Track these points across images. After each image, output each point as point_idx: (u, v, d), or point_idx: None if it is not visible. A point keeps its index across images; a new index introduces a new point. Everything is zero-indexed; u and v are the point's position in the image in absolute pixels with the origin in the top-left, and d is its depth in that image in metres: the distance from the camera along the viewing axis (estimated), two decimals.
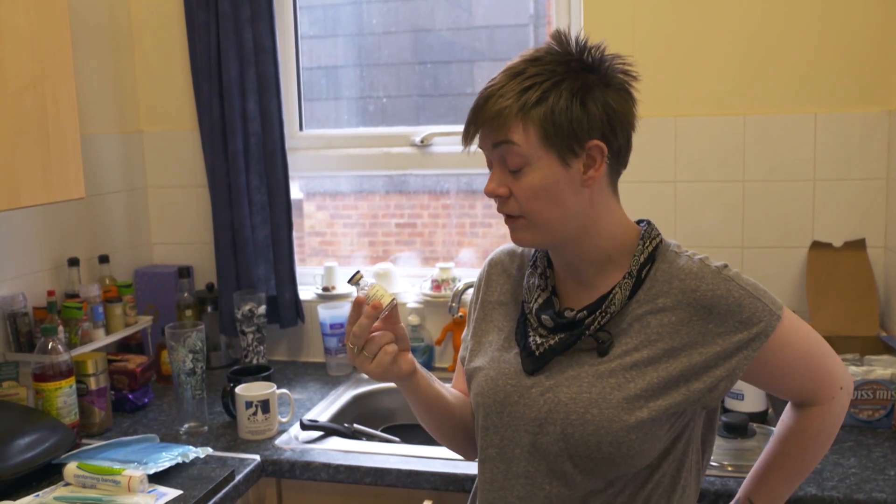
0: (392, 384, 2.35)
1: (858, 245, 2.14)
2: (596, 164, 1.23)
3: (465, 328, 1.49)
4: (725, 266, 1.26)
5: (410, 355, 1.33)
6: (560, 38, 1.26)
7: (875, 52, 2.10)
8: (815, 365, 1.32)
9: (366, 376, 2.40)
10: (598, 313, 1.25)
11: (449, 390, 1.46)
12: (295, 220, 2.60)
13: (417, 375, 1.35)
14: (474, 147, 1.28)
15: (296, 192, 2.73)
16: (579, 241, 1.28)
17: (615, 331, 1.26)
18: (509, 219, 1.27)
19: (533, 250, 1.41)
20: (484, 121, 1.22)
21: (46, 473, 1.71)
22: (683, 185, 2.24)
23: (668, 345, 1.22)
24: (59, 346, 1.87)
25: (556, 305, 1.31)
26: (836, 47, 2.12)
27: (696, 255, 1.29)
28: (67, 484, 1.65)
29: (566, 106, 1.20)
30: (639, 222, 1.34)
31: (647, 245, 1.28)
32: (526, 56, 1.25)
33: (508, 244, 1.47)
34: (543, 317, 1.29)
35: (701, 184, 2.23)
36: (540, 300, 1.32)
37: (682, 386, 1.21)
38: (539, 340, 1.29)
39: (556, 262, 1.35)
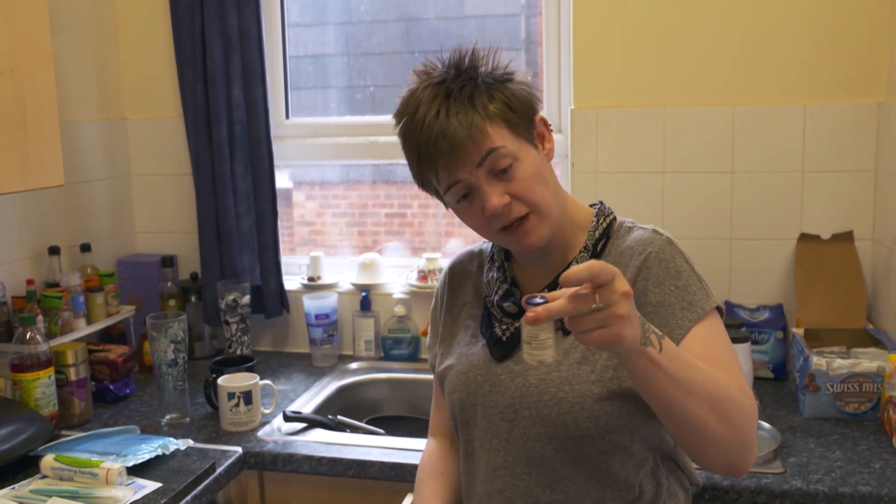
0: (379, 375, 2.35)
1: (846, 237, 2.13)
2: (546, 136, 1.31)
3: (429, 337, 1.50)
4: (677, 241, 1.29)
5: None
6: (428, 67, 1.28)
7: (864, 44, 2.09)
8: (735, 365, 1.23)
9: (352, 367, 2.39)
10: (558, 289, 1.26)
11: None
12: (284, 209, 2.58)
13: None
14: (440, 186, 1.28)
15: (285, 181, 2.71)
16: (560, 221, 1.30)
17: None
18: (516, 226, 1.25)
19: (490, 248, 1.42)
20: (460, 142, 1.21)
21: (23, 465, 1.68)
22: (672, 175, 2.22)
23: None
24: (38, 336, 1.84)
25: (517, 295, 1.33)
26: (826, 39, 2.10)
27: (649, 226, 1.32)
28: (44, 476, 1.63)
29: (509, 94, 1.25)
30: (591, 206, 1.38)
31: (601, 221, 1.33)
32: (431, 83, 1.25)
33: (467, 248, 1.51)
34: (506, 304, 1.32)
35: (690, 174, 2.22)
36: (500, 292, 1.34)
37: None
38: (504, 328, 1.32)
39: (520, 254, 1.35)
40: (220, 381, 1.95)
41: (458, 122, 1.21)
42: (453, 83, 1.24)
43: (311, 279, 2.55)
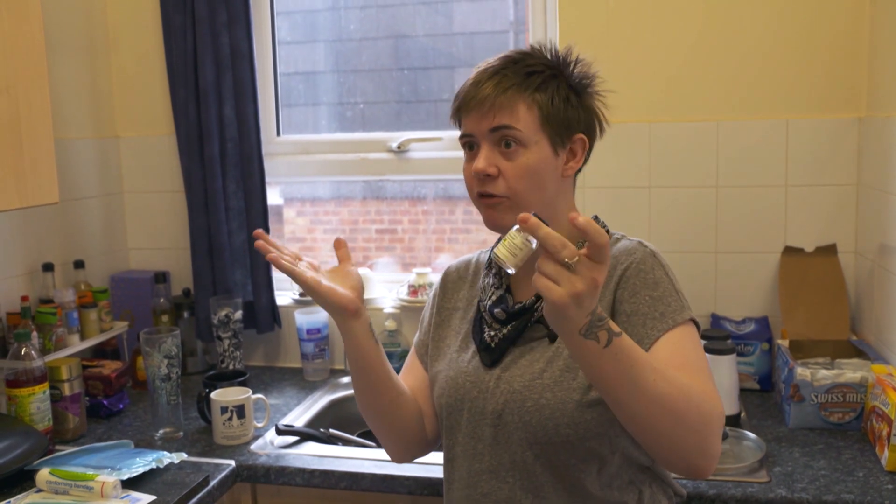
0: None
1: (829, 250, 2.17)
2: (576, 157, 1.32)
3: (417, 334, 1.55)
4: (660, 255, 1.32)
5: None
6: (538, 46, 1.34)
7: (845, 61, 2.13)
8: (703, 372, 1.23)
9: (343, 381, 2.41)
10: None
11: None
12: (275, 225, 2.60)
13: (360, 322, 1.34)
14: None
15: (276, 197, 2.73)
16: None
17: None
18: (489, 199, 1.29)
19: (487, 256, 1.45)
20: (484, 99, 1.26)
21: (18, 480, 1.69)
22: (658, 190, 2.26)
23: None
24: (33, 352, 1.86)
25: (510, 302, 1.35)
26: (808, 55, 2.15)
27: (636, 239, 1.35)
28: (40, 490, 1.64)
29: (565, 97, 1.29)
30: None
31: None
32: (517, 51, 1.32)
33: (464, 256, 1.54)
34: (496, 311, 1.35)
35: (675, 189, 2.25)
36: (494, 297, 1.37)
37: None
38: (493, 333, 1.35)
39: None
40: (213, 395, 1.97)
41: (496, 81, 1.26)
42: (531, 59, 1.29)
43: (302, 294, 2.57)
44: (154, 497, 1.62)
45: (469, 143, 1.32)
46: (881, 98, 2.02)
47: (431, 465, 1.72)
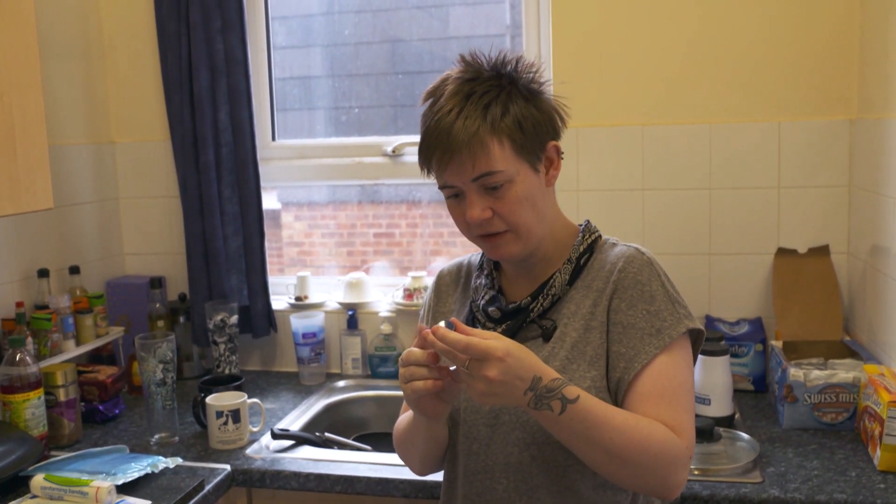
0: (366, 393, 2.38)
1: (822, 251, 2.18)
2: (554, 163, 1.32)
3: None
4: (657, 263, 1.33)
5: (446, 405, 1.26)
6: (472, 59, 1.30)
7: (835, 63, 2.14)
8: (680, 403, 1.25)
9: (339, 385, 2.42)
10: (540, 297, 1.33)
11: None
12: (273, 230, 2.60)
13: (440, 422, 1.35)
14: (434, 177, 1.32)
15: (273, 202, 2.74)
16: (541, 240, 1.34)
17: (557, 317, 1.32)
18: (491, 237, 1.30)
19: (479, 258, 1.46)
20: (459, 145, 1.23)
21: (13, 486, 1.70)
22: (652, 192, 2.27)
23: (598, 321, 1.29)
24: (28, 358, 1.86)
25: (503, 301, 1.37)
26: (799, 58, 2.16)
27: (631, 245, 1.36)
28: (34, 496, 1.64)
29: (527, 112, 1.26)
30: (579, 225, 1.42)
31: (586, 237, 1.37)
32: (462, 78, 1.27)
33: (455, 259, 1.55)
34: (490, 309, 1.36)
35: (669, 191, 2.26)
36: (487, 297, 1.38)
37: (609, 357, 1.28)
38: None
39: (506, 264, 1.40)
40: (208, 399, 1.98)
41: (462, 125, 1.22)
42: (480, 85, 1.25)
43: (298, 299, 2.57)
44: (149, 502, 1.63)
45: (452, 194, 1.30)
46: (872, 100, 2.03)
47: None
